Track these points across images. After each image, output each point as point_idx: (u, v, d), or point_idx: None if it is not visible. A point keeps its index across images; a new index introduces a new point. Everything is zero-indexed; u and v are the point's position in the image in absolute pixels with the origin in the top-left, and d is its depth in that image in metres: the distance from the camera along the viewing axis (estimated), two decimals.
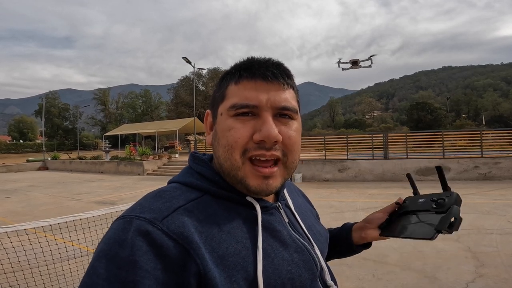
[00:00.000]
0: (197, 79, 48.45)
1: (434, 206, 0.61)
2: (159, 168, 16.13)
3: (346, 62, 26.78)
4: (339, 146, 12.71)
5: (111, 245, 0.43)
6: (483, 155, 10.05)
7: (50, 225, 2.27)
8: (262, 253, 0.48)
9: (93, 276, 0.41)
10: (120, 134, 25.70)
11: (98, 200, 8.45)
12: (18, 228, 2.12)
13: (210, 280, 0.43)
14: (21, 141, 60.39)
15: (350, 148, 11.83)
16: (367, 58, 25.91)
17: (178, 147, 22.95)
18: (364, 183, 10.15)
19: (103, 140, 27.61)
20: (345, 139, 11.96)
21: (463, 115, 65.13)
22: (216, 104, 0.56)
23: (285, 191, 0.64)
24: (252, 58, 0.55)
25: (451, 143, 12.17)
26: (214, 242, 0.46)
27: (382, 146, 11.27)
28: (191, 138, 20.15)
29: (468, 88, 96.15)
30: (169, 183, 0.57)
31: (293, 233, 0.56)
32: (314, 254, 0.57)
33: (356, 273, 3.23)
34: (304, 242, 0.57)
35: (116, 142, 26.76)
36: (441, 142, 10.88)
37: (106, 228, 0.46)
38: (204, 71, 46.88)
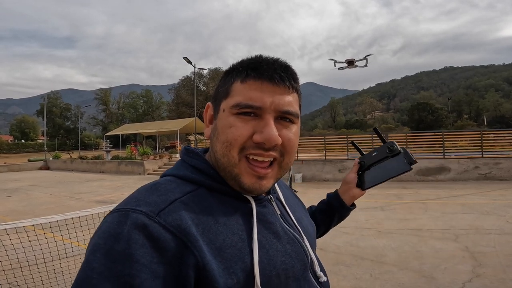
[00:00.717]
0: (198, 79, 48.56)
1: (388, 152, 0.76)
2: (160, 168, 16.16)
3: (342, 62, 26.95)
4: (340, 146, 12.71)
5: (106, 239, 0.42)
6: (484, 156, 10.03)
7: (49, 223, 2.29)
8: (258, 245, 0.49)
9: (88, 271, 0.40)
10: (121, 134, 25.74)
11: (99, 200, 8.49)
12: (17, 226, 2.14)
13: (209, 272, 0.43)
14: (23, 141, 60.62)
15: (351, 149, 11.82)
16: (363, 58, 26.09)
17: (179, 147, 22.97)
18: None
19: (104, 140, 27.68)
20: (345, 139, 11.96)
21: (465, 116, 64.93)
22: (219, 99, 0.56)
23: (276, 184, 0.65)
24: (261, 57, 0.55)
25: (452, 144, 12.15)
26: (211, 234, 0.47)
27: None
28: (192, 138, 20.18)
29: (470, 89, 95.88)
30: (163, 177, 0.57)
31: (285, 225, 0.58)
32: (305, 246, 0.58)
33: (354, 273, 3.23)
34: (295, 234, 0.58)
35: (117, 142, 26.80)
36: (442, 143, 10.87)
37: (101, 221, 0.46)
38: (205, 71, 47.05)
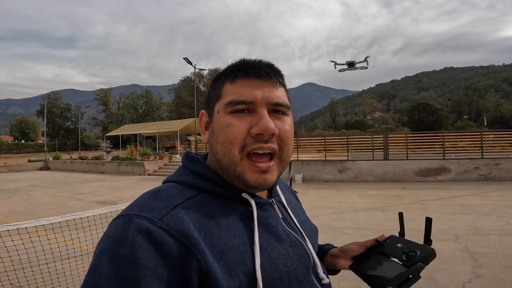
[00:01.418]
0: (198, 80, 48.58)
1: (404, 258, 0.59)
2: (160, 169, 16.16)
3: (342, 64, 27.13)
4: (340, 147, 12.72)
5: (112, 244, 0.43)
6: (484, 156, 10.04)
7: (51, 224, 2.31)
8: (259, 248, 0.50)
9: (95, 275, 0.41)
10: (121, 135, 25.75)
11: (99, 200, 8.49)
12: (20, 227, 2.15)
13: (212, 275, 0.44)
14: (23, 141, 60.69)
15: (351, 149, 11.83)
16: (363, 60, 26.31)
17: (179, 148, 22.98)
18: (365, 184, 10.15)
19: (104, 141, 27.70)
20: (346, 140, 11.97)
21: (465, 116, 64.97)
22: (212, 103, 0.58)
23: (278, 188, 0.66)
24: (244, 60, 0.58)
25: (452, 144, 12.16)
26: (213, 238, 0.48)
27: (383, 147, 11.28)
28: (192, 139, 20.20)
29: (470, 89, 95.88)
30: (165, 183, 0.58)
31: (287, 228, 0.58)
32: (307, 248, 0.59)
33: (354, 273, 3.24)
34: (298, 237, 0.59)
35: (117, 143, 26.80)
36: (442, 143, 10.89)
37: (106, 227, 0.48)
38: (205, 72, 47.08)
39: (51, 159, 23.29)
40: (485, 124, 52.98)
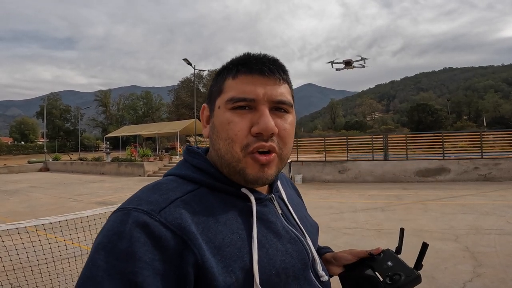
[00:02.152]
0: (198, 81, 48.62)
1: (388, 282, 0.58)
2: (160, 170, 16.15)
3: (340, 63, 27.35)
4: (340, 148, 12.73)
5: (110, 237, 0.43)
6: (483, 156, 10.05)
7: (51, 223, 2.30)
8: (257, 244, 0.50)
9: (93, 268, 0.41)
10: (121, 136, 25.73)
11: (99, 201, 8.49)
12: (19, 226, 2.14)
13: (208, 270, 0.44)
14: (23, 143, 60.61)
15: (350, 150, 11.84)
16: (360, 59, 26.52)
17: (179, 149, 22.97)
18: (364, 184, 10.15)
19: (104, 142, 27.66)
20: (345, 141, 11.97)
21: (464, 117, 65.04)
22: (214, 98, 0.57)
23: (279, 183, 0.66)
24: (249, 54, 0.57)
25: (452, 144, 12.17)
26: (211, 233, 0.48)
27: (382, 148, 11.28)
28: (192, 140, 20.17)
29: (469, 90, 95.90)
30: (165, 176, 0.58)
31: (287, 224, 0.58)
32: (307, 245, 0.58)
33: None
34: (297, 233, 0.58)
35: (117, 144, 26.80)
36: (441, 144, 10.90)
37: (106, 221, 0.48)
38: (205, 73, 47.14)
39: (51, 160, 23.29)
40: (485, 124, 53.02)
